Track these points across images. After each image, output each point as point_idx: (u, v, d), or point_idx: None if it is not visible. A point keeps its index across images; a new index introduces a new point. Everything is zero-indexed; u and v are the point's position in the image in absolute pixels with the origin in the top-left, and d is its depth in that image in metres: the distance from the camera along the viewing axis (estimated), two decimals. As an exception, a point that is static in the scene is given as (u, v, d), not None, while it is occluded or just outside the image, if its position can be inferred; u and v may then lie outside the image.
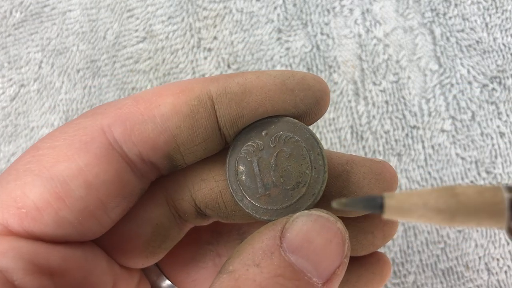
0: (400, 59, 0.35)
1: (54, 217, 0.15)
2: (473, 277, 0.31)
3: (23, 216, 0.15)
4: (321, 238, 0.15)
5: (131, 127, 0.16)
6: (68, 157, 0.15)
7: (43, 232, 0.15)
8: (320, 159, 0.17)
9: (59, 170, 0.15)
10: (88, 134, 0.16)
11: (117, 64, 0.36)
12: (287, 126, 0.18)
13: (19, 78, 0.37)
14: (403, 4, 0.36)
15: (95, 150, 0.15)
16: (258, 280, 0.14)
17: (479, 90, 0.34)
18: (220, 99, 0.17)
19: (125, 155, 0.16)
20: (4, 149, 0.35)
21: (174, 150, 0.17)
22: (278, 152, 0.18)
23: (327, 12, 0.36)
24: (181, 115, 0.16)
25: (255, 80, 0.17)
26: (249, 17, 0.37)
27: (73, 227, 0.15)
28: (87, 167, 0.15)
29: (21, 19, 0.38)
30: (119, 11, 0.38)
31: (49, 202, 0.15)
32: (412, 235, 0.32)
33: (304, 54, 0.36)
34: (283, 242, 0.15)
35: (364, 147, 0.33)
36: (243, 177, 0.18)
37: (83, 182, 0.15)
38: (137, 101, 0.16)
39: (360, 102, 0.34)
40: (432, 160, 0.33)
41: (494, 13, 0.36)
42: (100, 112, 0.16)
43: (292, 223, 0.15)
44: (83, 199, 0.15)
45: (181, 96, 0.16)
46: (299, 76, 0.18)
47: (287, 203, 0.17)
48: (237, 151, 0.18)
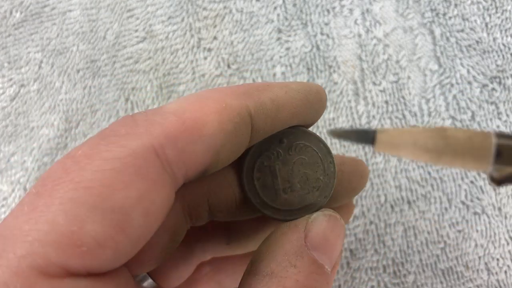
0: (400, 59, 0.35)
1: (115, 249, 0.14)
2: (473, 277, 0.31)
3: (84, 255, 0.13)
4: (334, 235, 0.17)
5: (182, 148, 0.15)
6: (126, 184, 0.14)
7: (102, 266, 0.14)
8: (332, 166, 0.20)
9: (119, 200, 0.14)
10: (139, 157, 0.14)
11: (117, 64, 0.36)
12: (304, 136, 0.20)
13: (19, 78, 0.37)
14: (403, 4, 0.36)
15: (151, 175, 0.15)
16: (300, 279, 0.16)
17: (479, 90, 0.34)
18: (258, 115, 0.17)
19: (173, 176, 0.15)
20: (4, 149, 0.35)
21: (213, 165, 0.17)
22: (296, 160, 0.20)
23: (327, 12, 0.36)
24: (227, 133, 0.16)
25: (285, 96, 0.18)
26: (249, 17, 0.37)
27: (127, 256, 0.15)
28: (145, 194, 0.14)
29: (21, 19, 0.38)
30: (119, 11, 0.38)
31: (110, 236, 0.14)
32: (412, 235, 0.32)
33: (304, 54, 0.36)
34: (306, 242, 0.17)
35: (364, 147, 0.33)
36: (261, 182, 0.19)
37: (142, 211, 0.14)
38: (182, 118, 0.16)
39: (360, 102, 0.34)
40: (432, 160, 0.33)
41: (494, 13, 0.36)
42: (142, 131, 0.15)
43: (312, 223, 0.17)
44: (141, 227, 0.14)
45: (224, 113, 0.16)
46: (315, 90, 0.19)
47: (302, 204, 0.20)
48: (254, 157, 0.19)
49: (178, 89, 0.36)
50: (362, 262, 0.32)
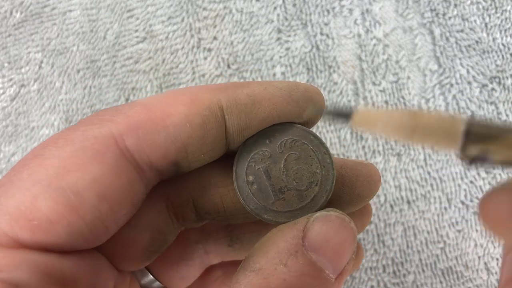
0: (400, 59, 0.35)
1: (67, 228, 0.15)
2: (472, 277, 0.31)
3: (35, 228, 0.14)
4: (338, 238, 0.16)
5: (143, 136, 0.16)
6: (80, 166, 0.15)
7: (55, 243, 0.15)
8: (327, 157, 0.18)
9: (72, 180, 0.15)
10: (99, 142, 0.15)
11: (117, 64, 0.36)
12: (291, 131, 0.18)
13: (19, 78, 0.37)
14: (402, 4, 0.36)
15: (107, 159, 0.15)
16: (287, 279, 0.15)
17: (478, 90, 0.34)
18: (230, 109, 0.17)
19: (135, 163, 0.16)
20: (4, 149, 0.35)
21: (182, 158, 0.17)
22: (287, 156, 0.18)
23: (326, 12, 0.36)
24: (193, 125, 0.16)
25: (263, 92, 0.18)
26: (249, 17, 0.37)
27: (84, 236, 0.15)
28: (101, 177, 0.15)
29: (21, 19, 0.38)
30: (119, 11, 0.38)
31: (62, 214, 0.15)
32: (411, 235, 0.32)
33: (303, 54, 0.36)
34: (304, 242, 0.16)
35: (364, 147, 0.33)
36: (254, 186, 0.18)
37: (96, 193, 0.15)
38: (148, 109, 0.16)
39: (360, 102, 0.34)
40: (431, 160, 0.33)
41: (493, 13, 0.36)
42: (108, 119, 0.16)
43: (313, 223, 0.16)
44: (96, 209, 0.15)
45: (192, 106, 0.16)
46: (303, 88, 0.18)
47: (303, 203, 0.18)
48: (244, 161, 0.18)
49: (178, 89, 0.36)
50: (362, 262, 0.32)
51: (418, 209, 0.32)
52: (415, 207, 0.32)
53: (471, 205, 0.32)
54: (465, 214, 0.32)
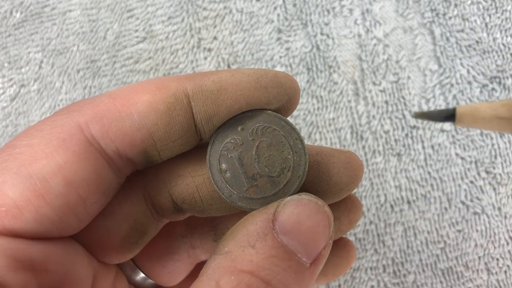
0: (400, 59, 0.35)
1: (35, 214, 0.15)
2: (472, 277, 0.31)
3: (2, 214, 0.15)
4: (311, 221, 0.16)
5: (108, 124, 0.16)
6: (47, 154, 0.15)
7: (23, 229, 0.15)
8: (299, 143, 0.18)
9: (38, 167, 0.15)
10: (65, 131, 0.16)
11: (117, 64, 0.36)
12: (262, 118, 0.18)
13: (20, 78, 0.37)
14: (403, 4, 0.36)
15: (73, 147, 0.16)
16: (254, 260, 0.15)
17: (478, 90, 0.34)
18: (196, 96, 0.17)
19: (103, 151, 0.16)
20: (4, 149, 0.35)
21: (151, 146, 0.17)
22: (258, 143, 0.18)
23: (327, 12, 0.36)
24: (158, 112, 0.17)
25: (230, 78, 0.18)
26: (249, 17, 0.37)
27: (53, 223, 0.16)
28: (66, 164, 0.16)
29: (21, 19, 0.38)
30: (119, 11, 0.38)
31: (29, 200, 0.15)
32: (412, 235, 0.32)
33: (304, 54, 0.36)
34: (275, 225, 0.15)
35: (364, 147, 0.33)
36: (228, 174, 0.18)
37: (63, 179, 0.15)
38: (114, 98, 0.17)
39: (360, 102, 0.34)
40: (432, 160, 0.33)
41: (493, 13, 0.36)
42: (76, 109, 0.17)
43: (284, 206, 0.16)
44: (63, 195, 0.15)
45: (158, 93, 0.17)
46: (272, 74, 0.18)
47: (276, 189, 0.18)
48: (216, 149, 0.18)
49: (178, 89, 0.36)
50: (362, 262, 0.32)
51: (418, 209, 0.32)
52: (415, 207, 0.32)
53: (472, 205, 0.32)
54: (465, 214, 0.32)
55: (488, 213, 0.32)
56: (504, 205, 0.32)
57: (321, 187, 0.19)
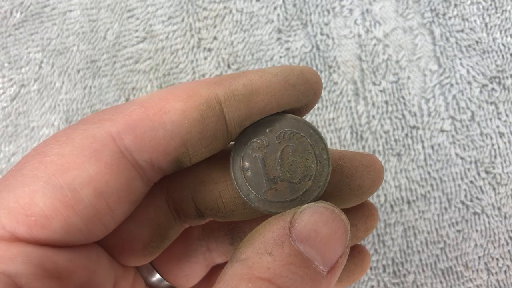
0: (400, 59, 0.35)
1: (63, 224, 0.15)
2: (472, 277, 0.31)
3: (32, 223, 0.15)
4: (327, 229, 0.16)
5: (141, 134, 0.16)
6: (78, 165, 0.15)
7: (51, 238, 0.15)
8: (324, 153, 0.18)
9: (69, 178, 0.15)
10: (97, 141, 0.16)
11: (117, 64, 0.36)
12: (291, 123, 0.18)
13: (20, 78, 0.37)
14: (402, 4, 0.36)
15: (105, 158, 0.16)
16: (272, 267, 0.14)
17: (478, 90, 0.34)
18: (228, 102, 0.17)
19: (135, 162, 0.16)
20: (4, 149, 0.35)
21: (183, 154, 0.17)
22: (284, 148, 0.18)
23: (327, 12, 0.36)
24: (191, 120, 0.16)
25: (259, 80, 0.17)
26: (249, 17, 0.37)
27: (81, 233, 0.16)
28: (98, 176, 0.15)
29: (21, 19, 0.38)
30: (119, 11, 0.38)
31: (58, 210, 0.15)
32: (411, 235, 0.32)
33: (304, 54, 0.36)
34: (292, 232, 0.15)
35: (364, 147, 0.33)
36: (249, 173, 0.18)
37: (93, 190, 0.15)
38: (145, 107, 0.16)
39: (360, 102, 0.34)
40: (431, 160, 0.33)
41: (493, 13, 0.36)
42: (107, 118, 0.16)
43: (300, 214, 0.16)
44: (92, 206, 0.15)
45: (190, 101, 0.16)
46: (298, 71, 0.18)
47: (294, 196, 0.18)
48: (242, 148, 0.18)
49: (178, 89, 0.36)
50: (362, 262, 0.32)
51: (418, 209, 0.32)
52: (415, 207, 0.32)
53: (471, 205, 0.32)
54: (465, 214, 0.32)
55: (488, 213, 0.32)
56: (504, 205, 0.32)
57: (344, 190, 0.19)
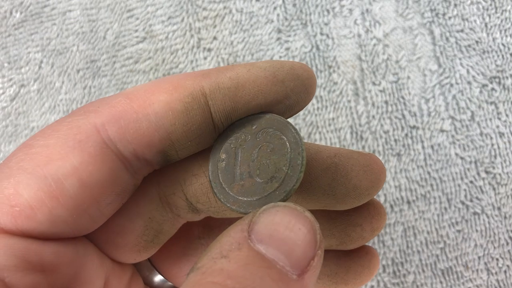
0: (400, 59, 0.35)
1: (48, 215, 0.15)
2: (472, 277, 0.31)
3: (16, 214, 0.15)
4: (289, 227, 0.14)
5: (125, 125, 0.16)
6: (62, 155, 0.15)
7: (36, 229, 0.15)
8: (299, 158, 0.17)
9: (53, 168, 0.15)
10: (82, 132, 0.16)
11: (117, 64, 0.36)
12: (276, 123, 0.18)
13: (19, 78, 0.37)
14: (402, 4, 0.36)
15: (89, 148, 0.16)
16: (225, 268, 0.13)
17: (478, 90, 0.34)
18: (213, 95, 0.17)
19: (119, 153, 0.16)
20: (4, 149, 0.35)
21: (169, 146, 0.17)
22: (262, 145, 0.18)
23: (326, 12, 0.36)
24: (176, 112, 0.16)
25: (246, 74, 0.17)
26: (249, 17, 0.37)
27: (67, 224, 0.16)
28: (81, 166, 0.15)
29: (21, 19, 0.38)
30: (119, 11, 0.38)
31: (43, 201, 0.15)
32: (411, 235, 0.32)
33: (303, 54, 0.36)
34: (251, 234, 0.14)
35: (364, 147, 0.33)
36: (223, 164, 0.18)
37: (77, 181, 0.15)
38: (130, 98, 0.16)
39: (360, 102, 0.34)
40: (431, 160, 0.33)
41: (493, 13, 0.36)
42: (92, 110, 0.16)
43: (259, 215, 0.15)
44: (77, 197, 0.15)
45: (174, 93, 0.16)
46: (288, 66, 0.18)
47: (258, 196, 0.17)
48: (224, 139, 0.18)
49: (178, 89, 0.36)
50: (362, 262, 0.32)
51: (418, 209, 0.32)
52: (415, 207, 0.32)
53: (471, 205, 0.32)
54: (465, 214, 0.32)
55: (488, 213, 0.32)
56: (504, 205, 0.32)
57: (339, 190, 0.18)
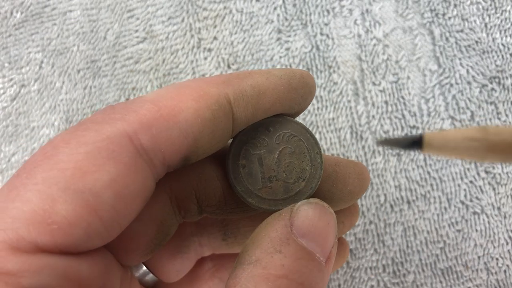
0: (400, 59, 0.35)
1: (86, 230, 0.15)
2: (472, 277, 0.31)
3: (54, 232, 0.14)
4: (322, 222, 0.17)
5: (157, 133, 0.16)
6: (97, 167, 0.15)
7: (73, 245, 0.15)
8: (318, 157, 0.19)
9: (90, 182, 0.14)
10: (114, 142, 0.15)
11: (118, 65, 0.36)
12: (291, 126, 0.19)
13: (20, 78, 0.37)
14: (402, 4, 0.36)
15: (124, 159, 0.15)
16: (285, 264, 0.15)
17: (478, 90, 0.34)
18: (237, 102, 0.17)
19: (150, 162, 0.16)
20: (4, 149, 0.35)
21: (192, 152, 0.17)
22: (282, 149, 0.19)
23: (326, 13, 0.36)
24: (204, 120, 0.17)
25: (266, 82, 0.18)
26: (249, 18, 0.37)
27: (101, 237, 0.15)
28: (118, 178, 0.15)
29: (21, 20, 0.38)
30: (119, 11, 0.38)
31: (81, 216, 0.14)
32: (411, 235, 0.32)
33: (303, 54, 0.36)
34: (293, 229, 0.16)
35: (364, 147, 0.33)
36: (246, 170, 0.19)
37: (114, 193, 0.15)
38: (158, 106, 0.16)
39: (360, 102, 0.34)
40: (431, 160, 0.33)
41: (493, 14, 0.36)
42: (119, 117, 0.16)
43: (297, 211, 0.17)
44: (113, 209, 0.15)
45: (201, 100, 0.17)
46: (299, 75, 0.19)
47: (287, 195, 0.19)
48: (241, 144, 0.19)
49: (178, 89, 0.36)
50: (362, 262, 0.32)
51: (418, 209, 0.32)
52: (415, 207, 0.32)
53: (471, 205, 0.32)
54: (465, 214, 0.32)
55: (488, 213, 0.32)
56: (504, 205, 0.32)
57: (336, 194, 0.20)
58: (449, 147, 0.13)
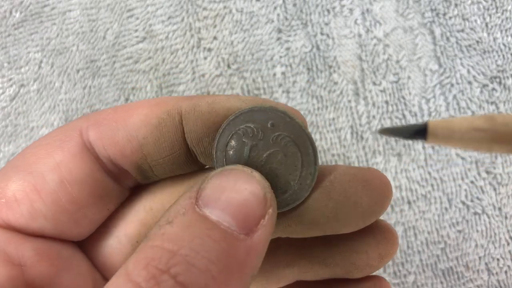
0: (400, 59, 0.35)
1: (29, 207, 0.16)
2: (473, 277, 0.31)
3: (2, 205, 0.16)
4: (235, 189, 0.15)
5: (103, 131, 0.17)
6: (48, 154, 0.17)
7: (18, 222, 0.16)
8: (309, 178, 0.16)
9: (39, 165, 0.17)
10: (66, 134, 0.17)
11: (117, 64, 0.36)
12: (295, 131, 0.17)
13: (19, 78, 0.37)
14: (403, 4, 0.36)
15: (70, 148, 0.17)
16: (167, 232, 0.13)
17: (479, 90, 0.34)
18: (188, 115, 0.17)
19: (97, 156, 0.17)
20: (4, 149, 0.35)
21: (141, 160, 0.18)
22: (275, 151, 0.17)
23: (327, 12, 0.36)
24: (150, 126, 0.17)
25: (223, 101, 0.17)
26: (249, 17, 0.37)
27: (47, 221, 0.17)
28: (62, 163, 0.17)
29: (21, 19, 0.38)
30: (119, 11, 0.38)
31: (26, 193, 0.16)
32: (412, 235, 0.32)
33: (304, 54, 0.36)
34: (198, 200, 0.14)
35: (364, 147, 0.33)
36: (231, 152, 0.17)
37: (57, 177, 0.17)
38: (117, 110, 0.18)
39: (360, 102, 0.34)
40: (432, 160, 0.33)
41: (494, 13, 0.36)
42: (85, 117, 0.18)
43: (207, 181, 0.15)
44: (56, 192, 0.17)
45: (154, 109, 0.17)
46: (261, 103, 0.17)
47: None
48: (236, 124, 0.17)
49: (178, 89, 0.36)
50: (362, 262, 0.32)
51: (418, 210, 0.32)
52: (415, 207, 0.32)
53: (472, 206, 0.32)
54: (466, 215, 0.32)
55: (489, 213, 0.32)
56: (505, 205, 0.32)
57: (339, 210, 0.17)
58: (455, 138, 0.12)
